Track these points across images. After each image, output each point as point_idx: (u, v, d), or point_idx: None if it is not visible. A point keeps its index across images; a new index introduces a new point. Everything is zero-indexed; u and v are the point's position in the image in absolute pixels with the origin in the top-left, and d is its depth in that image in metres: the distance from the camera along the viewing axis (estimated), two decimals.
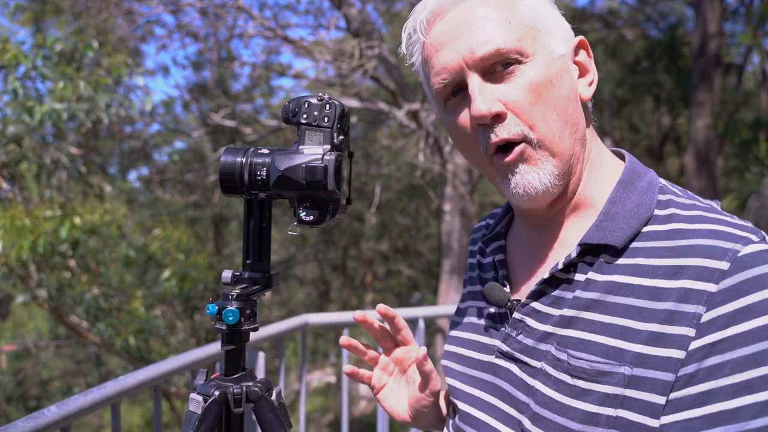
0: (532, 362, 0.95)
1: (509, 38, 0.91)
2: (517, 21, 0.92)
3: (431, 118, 8.23)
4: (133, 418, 15.17)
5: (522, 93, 0.91)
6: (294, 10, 12.34)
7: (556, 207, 0.98)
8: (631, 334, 0.84)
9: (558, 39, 0.95)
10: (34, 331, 16.41)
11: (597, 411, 0.85)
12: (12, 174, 7.50)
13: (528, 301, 0.98)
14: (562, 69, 0.94)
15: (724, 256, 0.81)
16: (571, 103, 0.94)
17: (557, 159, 0.93)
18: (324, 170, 0.99)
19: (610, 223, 0.92)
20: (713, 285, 0.80)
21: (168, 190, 15.32)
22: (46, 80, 6.46)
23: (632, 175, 0.97)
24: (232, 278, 1.09)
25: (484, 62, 0.91)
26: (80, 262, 7.81)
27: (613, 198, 0.95)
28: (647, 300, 0.84)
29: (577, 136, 0.95)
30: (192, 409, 1.05)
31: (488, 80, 0.92)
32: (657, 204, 0.93)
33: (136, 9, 9.43)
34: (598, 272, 0.91)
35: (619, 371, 0.84)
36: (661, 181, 0.97)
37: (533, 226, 1.03)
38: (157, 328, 8.78)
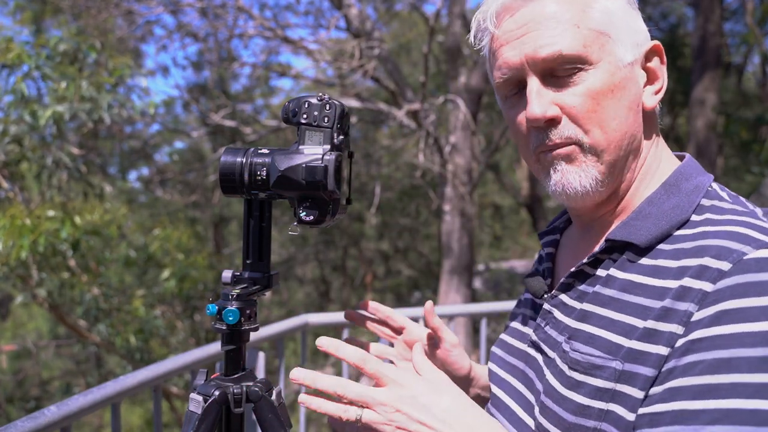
0: (549, 352, 0.96)
1: (575, 43, 0.89)
2: (587, 25, 0.90)
3: (431, 118, 8.23)
4: (133, 419, 15.16)
5: (581, 99, 0.90)
6: (294, 10, 12.32)
7: (602, 209, 0.98)
8: (631, 331, 0.84)
9: (628, 46, 0.92)
10: (34, 331, 16.40)
11: (589, 404, 0.86)
12: (12, 174, 7.50)
13: (557, 293, 0.99)
14: (626, 78, 0.91)
15: (728, 256, 0.79)
16: (631, 113, 0.92)
17: (604, 166, 0.92)
18: (324, 170, 0.99)
19: (639, 222, 0.91)
20: (710, 284, 0.79)
21: (168, 190, 15.32)
22: (47, 80, 6.46)
23: (679, 177, 0.94)
24: (232, 278, 1.09)
25: (546, 64, 0.91)
26: (80, 262, 7.80)
27: (652, 198, 0.93)
28: (653, 299, 0.84)
29: (631, 147, 0.93)
30: (192, 409, 1.05)
31: (548, 83, 0.92)
32: (697, 208, 0.90)
33: (135, 9, 9.42)
34: (620, 269, 0.91)
35: (611, 366, 0.84)
36: (712, 186, 0.94)
37: (582, 225, 1.04)
38: (157, 328, 8.78)
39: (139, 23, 10.45)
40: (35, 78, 6.45)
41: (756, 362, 0.73)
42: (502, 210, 18.72)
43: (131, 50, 12.95)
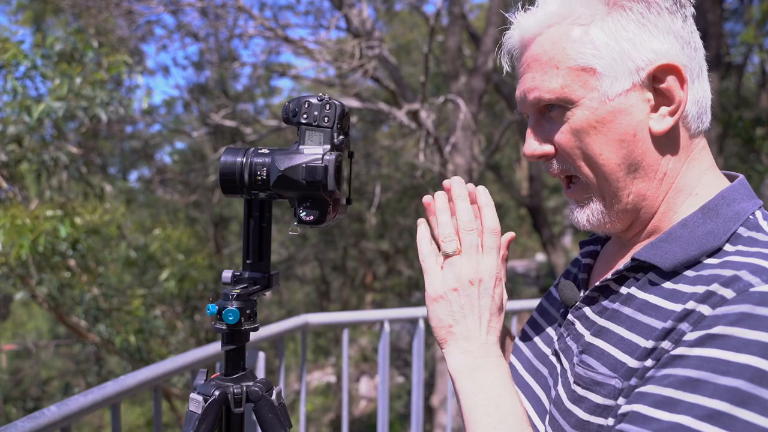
0: (566, 364, 0.97)
1: (553, 85, 0.91)
2: (566, 64, 0.90)
3: (431, 118, 8.22)
4: (133, 419, 15.16)
5: (565, 137, 0.93)
6: (294, 10, 12.32)
7: (632, 231, 0.98)
8: (635, 350, 0.85)
9: (620, 74, 0.90)
10: (33, 330, 16.40)
11: (588, 419, 0.86)
12: (12, 174, 7.49)
13: (581, 306, 0.99)
14: (615, 111, 0.90)
15: (735, 285, 0.78)
16: (624, 143, 0.90)
17: (606, 200, 0.94)
18: (324, 170, 0.99)
19: (666, 245, 0.90)
20: (709, 309, 0.78)
21: (168, 190, 15.32)
22: (46, 80, 6.46)
23: (721, 201, 0.91)
24: (233, 278, 1.09)
25: (533, 107, 0.95)
26: (80, 262, 7.80)
27: (687, 221, 0.91)
28: (660, 320, 0.84)
29: (637, 175, 0.92)
30: (192, 409, 1.05)
31: (545, 118, 0.96)
32: (732, 237, 0.87)
33: (136, 9, 9.42)
34: (641, 289, 0.90)
35: (611, 383, 0.85)
36: (756, 215, 0.90)
37: (617, 242, 1.05)
38: (157, 328, 8.78)
39: (139, 23, 10.45)
40: (33, 77, 6.45)
41: (720, 390, 0.73)
42: (502, 210, 18.71)
43: (132, 50, 12.95)
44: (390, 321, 2.80)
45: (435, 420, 9.14)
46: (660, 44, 0.90)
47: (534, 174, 13.08)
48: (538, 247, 21.68)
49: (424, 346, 2.93)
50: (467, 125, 8.14)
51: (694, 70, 0.93)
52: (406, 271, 18.32)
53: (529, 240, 23.26)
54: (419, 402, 2.90)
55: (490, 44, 8.24)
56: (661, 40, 0.90)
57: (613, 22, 0.89)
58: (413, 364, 2.87)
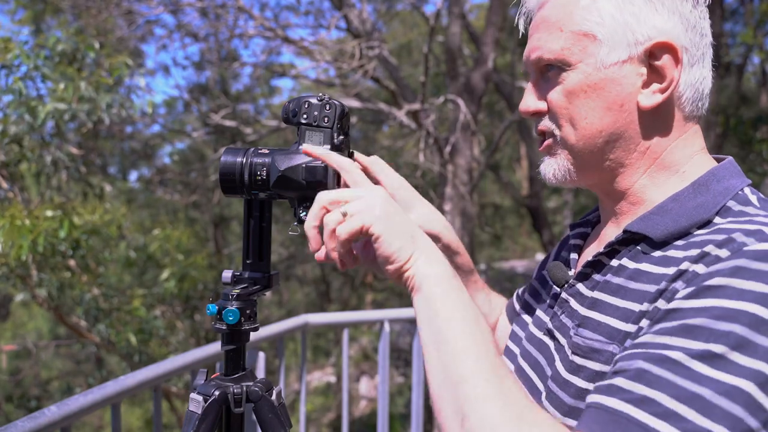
0: (562, 340, 0.98)
1: (554, 47, 0.95)
2: (570, 28, 0.95)
3: (431, 118, 8.22)
4: (133, 420, 15.15)
5: (557, 96, 0.97)
6: (295, 10, 12.32)
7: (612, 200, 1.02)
8: (630, 315, 0.86)
9: (619, 45, 0.93)
10: (34, 331, 16.39)
11: (587, 387, 0.87)
12: (12, 174, 7.49)
13: (574, 283, 1.01)
14: (607, 79, 0.93)
15: (729, 246, 0.80)
16: (610, 112, 0.94)
17: (575, 158, 0.98)
18: (324, 170, 0.99)
19: (658, 217, 0.92)
20: (704, 267, 0.80)
21: (168, 190, 15.32)
22: (47, 80, 6.45)
23: (711, 177, 0.94)
24: (233, 278, 1.09)
25: (534, 66, 1.00)
26: (80, 262, 7.80)
27: (677, 195, 0.93)
28: (653, 284, 0.85)
29: (617, 144, 0.95)
30: (192, 409, 1.05)
31: (545, 78, 1.00)
32: (722, 211, 0.89)
33: (136, 9, 9.42)
34: (632, 260, 0.92)
35: (608, 349, 0.86)
36: (745, 191, 0.92)
37: (606, 217, 1.07)
38: (156, 328, 8.78)
39: (139, 23, 10.45)
40: (34, 78, 6.45)
41: (717, 334, 0.74)
42: (502, 210, 18.71)
43: (131, 50, 12.94)
44: (390, 321, 2.80)
45: (435, 420, 9.13)
46: (663, 23, 0.93)
47: (534, 174, 13.08)
48: (538, 247, 21.68)
49: None
50: (467, 125, 8.15)
51: (695, 55, 0.96)
52: None
53: (529, 240, 23.26)
54: (419, 402, 2.90)
55: (490, 44, 8.23)
56: (665, 19, 0.93)
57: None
58: (413, 364, 2.87)
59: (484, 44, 8.39)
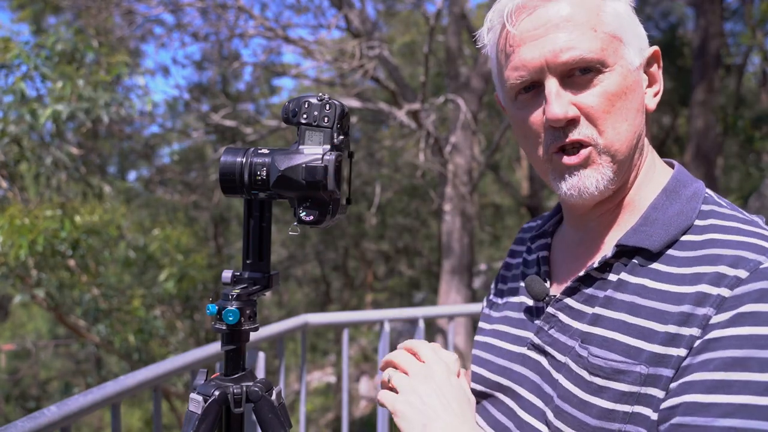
0: (559, 356, 0.97)
1: (594, 46, 0.92)
2: (603, 29, 0.93)
3: (431, 118, 8.22)
4: (132, 421, 15.15)
5: (598, 100, 0.93)
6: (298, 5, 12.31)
7: (602, 208, 1.00)
8: (651, 335, 0.86)
9: (636, 50, 0.96)
10: (33, 331, 16.40)
11: (613, 408, 0.87)
12: (11, 174, 7.49)
13: (562, 297, 1.00)
14: (635, 81, 0.96)
15: (746, 265, 0.83)
16: (639, 114, 0.97)
17: (617, 165, 0.95)
18: (324, 170, 0.99)
19: (648, 228, 0.94)
20: (728, 290, 0.83)
21: (168, 189, 15.31)
22: (46, 80, 6.45)
23: (677, 183, 0.98)
24: (232, 278, 1.09)
25: (566, 67, 0.92)
26: (80, 262, 7.80)
27: (656, 204, 0.97)
28: (670, 304, 0.86)
29: (639, 145, 0.99)
30: (192, 409, 1.05)
31: (566, 84, 0.94)
32: (699, 214, 0.94)
33: (135, 9, 9.42)
34: (631, 274, 0.93)
35: (635, 370, 0.86)
36: (707, 192, 0.98)
37: (578, 226, 1.06)
38: (156, 328, 8.78)
39: (139, 23, 10.45)
40: (33, 78, 6.45)
41: (766, 362, 0.78)
42: (502, 210, 18.71)
43: (131, 50, 12.93)
44: (390, 321, 2.80)
45: None
46: (644, 32, 0.99)
47: (534, 174, 13.08)
48: None
49: None
50: (467, 125, 8.15)
51: None
52: (406, 271, 18.32)
53: None
54: None
55: None
56: (642, 29, 0.99)
57: (625, 4, 0.97)
58: None
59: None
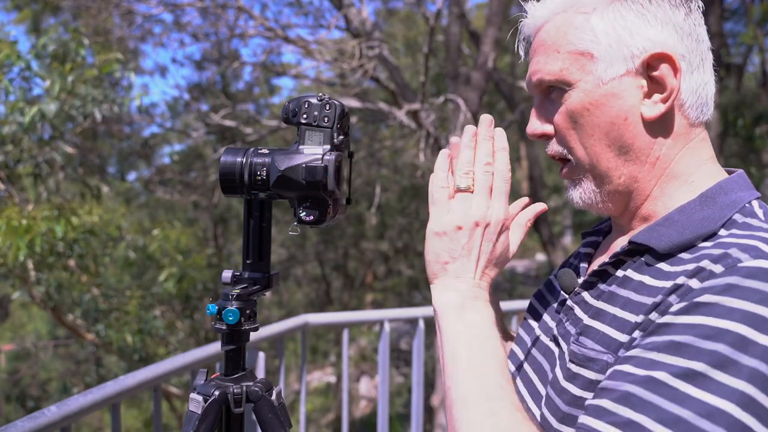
0: (565, 347, 0.98)
1: (554, 68, 0.96)
2: (566, 49, 0.96)
3: (431, 118, 8.22)
4: (132, 421, 15.14)
5: (560, 118, 0.98)
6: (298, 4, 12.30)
7: (627, 216, 1.01)
8: (626, 325, 0.87)
9: (616, 60, 0.94)
10: (32, 332, 16.39)
11: (581, 395, 0.88)
12: (9, 175, 7.48)
13: (580, 291, 1.01)
14: (607, 94, 0.94)
15: (725, 261, 0.81)
16: (616, 127, 0.94)
17: (596, 180, 0.97)
18: (324, 170, 0.99)
19: (663, 228, 0.92)
20: (698, 282, 0.81)
21: (168, 190, 15.31)
22: (43, 80, 6.44)
23: (719, 190, 0.94)
24: (232, 278, 1.09)
25: (537, 89, 1.01)
26: (79, 263, 7.80)
27: (684, 207, 0.94)
28: (650, 296, 0.86)
29: (628, 158, 0.96)
30: (192, 409, 1.05)
31: (549, 101, 1.00)
32: (728, 223, 0.89)
33: (135, 9, 9.41)
34: (636, 271, 0.93)
35: (602, 359, 0.87)
36: (752, 204, 0.92)
37: (617, 229, 1.07)
38: (156, 328, 8.77)
39: (138, 23, 10.44)
40: (28, 78, 6.44)
41: (702, 353, 0.75)
42: None
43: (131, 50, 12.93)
44: (390, 321, 2.80)
45: (435, 420, 9.13)
46: (657, 34, 0.94)
47: (534, 174, 13.08)
48: (538, 247, 21.68)
49: (424, 346, 2.93)
50: (467, 125, 8.14)
51: (694, 62, 0.97)
52: (406, 271, 18.31)
53: (529, 240, 23.24)
54: (419, 402, 2.90)
55: (490, 44, 8.23)
56: (658, 30, 0.94)
57: (613, 12, 0.95)
58: (413, 364, 2.87)
59: (484, 44, 8.39)
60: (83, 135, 8.54)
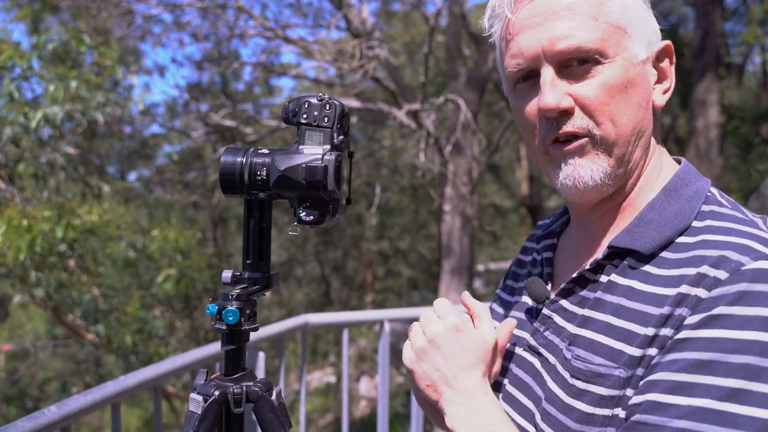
0: (550, 358, 0.96)
1: (593, 36, 0.89)
2: (604, 19, 0.90)
3: (431, 118, 8.22)
4: (132, 421, 15.15)
5: (595, 91, 0.90)
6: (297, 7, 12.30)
7: (601, 208, 0.98)
8: (632, 337, 0.85)
9: (642, 43, 0.93)
10: (32, 332, 16.38)
11: (593, 412, 0.86)
12: (10, 175, 7.48)
13: (557, 299, 0.99)
14: (639, 75, 0.92)
15: (727, 266, 0.80)
16: (641, 109, 0.93)
17: (614, 159, 0.92)
18: (324, 170, 0.99)
19: (641, 229, 0.92)
20: (705, 291, 0.80)
21: (168, 190, 15.30)
22: (42, 81, 6.45)
23: (679, 182, 0.95)
24: (232, 278, 1.09)
25: (562, 56, 0.90)
26: (79, 263, 7.80)
27: (653, 204, 0.94)
28: (653, 306, 0.85)
29: (641, 143, 0.94)
30: (192, 409, 1.05)
31: (562, 74, 0.91)
32: (698, 215, 0.90)
33: (135, 9, 9.42)
34: (621, 276, 0.91)
35: (615, 374, 0.85)
36: (711, 191, 0.94)
37: (580, 226, 1.04)
38: (156, 328, 8.77)
39: (138, 23, 10.44)
40: (29, 78, 6.45)
41: (733, 368, 0.76)
42: (501, 210, 18.71)
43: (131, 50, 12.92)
44: (390, 321, 2.80)
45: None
46: (657, 27, 0.96)
47: (534, 174, 13.09)
48: None
49: None
50: (467, 125, 8.14)
51: None
52: (406, 271, 18.31)
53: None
54: None
55: (490, 44, 8.23)
56: (656, 24, 0.96)
57: None
58: None
59: (484, 44, 8.39)
60: (83, 135, 8.53)
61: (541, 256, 1.11)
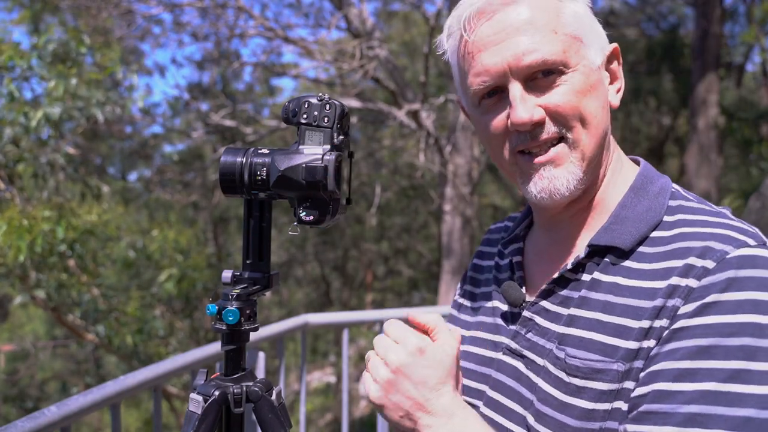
0: (537, 359, 0.97)
1: (555, 49, 0.92)
2: (563, 31, 0.94)
3: (431, 118, 8.22)
4: (131, 421, 15.15)
5: (565, 98, 0.93)
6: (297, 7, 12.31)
7: (572, 208, 1.01)
8: (626, 332, 0.87)
9: (597, 49, 0.97)
10: (31, 332, 16.38)
11: (593, 407, 0.88)
12: (10, 175, 7.48)
13: (538, 300, 1.00)
14: (598, 79, 0.97)
15: (713, 255, 0.85)
16: (603, 111, 0.97)
17: (586, 163, 0.96)
18: (324, 170, 0.99)
19: (619, 226, 0.95)
20: (695, 281, 0.84)
21: (168, 190, 15.31)
22: (42, 80, 6.45)
23: (644, 180, 0.99)
24: (232, 278, 1.09)
25: (529, 70, 0.93)
26: (79, 263, 7.80)
27: (624, 202, 0.98)
28: (644, 300, 0.87)
29: (605, 144, 0.99)
30: (192, 409, 1.05)
31: (529, 87, 0.94)
32: (667, 210, 0.95)
33: (135, 9, 9.42)
34: (604, 273, 0.94)
35: (613, 368, 0.87)
36: (673, 187, 0.99)
37: (549, 228, 1.06)
38: (156, 328, 8.77)
39: (138, 23, 10.44)
40: (29, 78, 6.45)
41: (732, 350, 0.80)
42: (501, 211, 18.72)
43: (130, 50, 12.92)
44: None
45: None
46: (602, 31, 1.00)
47: None
48: None
49: None
50: (467, 125, 8.15)
51: None
52: (406, 271, 18.32)
53: None
54: None
55: None
56: (601, 28, 1.01)
57: (583, 3, 0.98)
58: None
59: None
60: (84, 135, 8.54)
61: (510, 260, 1.11)
